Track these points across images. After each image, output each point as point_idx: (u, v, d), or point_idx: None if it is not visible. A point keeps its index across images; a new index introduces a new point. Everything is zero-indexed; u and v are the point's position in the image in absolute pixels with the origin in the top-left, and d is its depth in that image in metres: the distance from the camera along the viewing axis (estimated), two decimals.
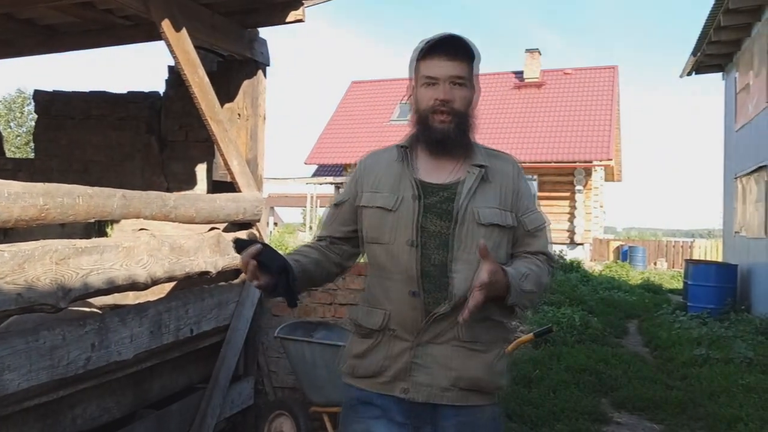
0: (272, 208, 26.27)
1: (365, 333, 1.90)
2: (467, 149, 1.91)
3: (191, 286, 4.09)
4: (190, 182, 5.39)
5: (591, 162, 20.80)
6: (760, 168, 9.98)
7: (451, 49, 1.84)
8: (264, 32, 4.47)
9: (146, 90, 5.75)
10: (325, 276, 2.02)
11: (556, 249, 17.75)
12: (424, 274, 1.81)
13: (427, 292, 1.81)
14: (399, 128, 22.86)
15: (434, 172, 1.89)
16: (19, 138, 29.34)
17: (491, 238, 1.82)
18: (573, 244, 21.24)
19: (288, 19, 4.22)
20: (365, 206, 1.91)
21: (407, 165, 1.89)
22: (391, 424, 1.84)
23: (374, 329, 1.87)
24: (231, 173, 4.09)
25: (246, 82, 4.40)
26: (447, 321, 1.80)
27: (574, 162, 20.97)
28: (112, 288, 2.87)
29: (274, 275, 1.72)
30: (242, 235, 4.15)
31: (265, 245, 1.73)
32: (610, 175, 25.95)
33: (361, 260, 2.06)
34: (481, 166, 1.88)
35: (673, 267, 22.64)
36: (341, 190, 2.06)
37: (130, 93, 5.79)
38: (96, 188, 2.81)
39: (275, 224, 27.22)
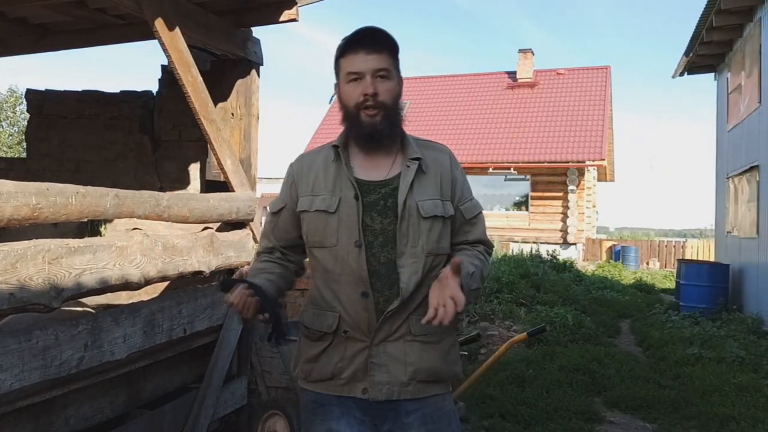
0: (265, 207, 26.19)
1: (317, 336, 1.88)
2: (400, 143, 1.91)
3: (184, 285, 4.09)
4: (183, 182, 5.38)
5: (584, 162, 20.86)
6: (752, 168, 10.03)
7: (371, 42, 1.83)
8: (257, 31, 4.47)
9: (139, 89, 5.74)
10: (288, 286, 2.02)
11: (548, 249, 17.77)
12: (372, 273, 1.80)
13: (378, 291, 1.81)
14: None
15: (371, 169, 1.89)
16: (11, 137, 29.18)
17: (434, 229, 1.84)
18: (566, 244, 21.30)
19: (281, 19, 4.21)
20: (305, 211, 1.89)
21: (343, 164, 1.88)
22: (351, 421, 1.84)
23: (327, 332, 1.86)
24: (224, 173, 4.08)
25: (239, 82, 4.39)
26: (399, 317, 1.81)
27: (567, 162, 21.02)
28: (105, 288, 2.86)
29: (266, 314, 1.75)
30: (240, 234, 4.14)
31: (252, 284, 1.75)
32: (602, 175, 26.06)
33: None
34: (416, 159, 1.88)
35: (665, 267, 22.73)
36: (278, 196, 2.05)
37: (122, 92, 5.77)
38: (89, 187, 2.80)
39: None
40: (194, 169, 5.35)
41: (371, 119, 1.83)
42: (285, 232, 1.99)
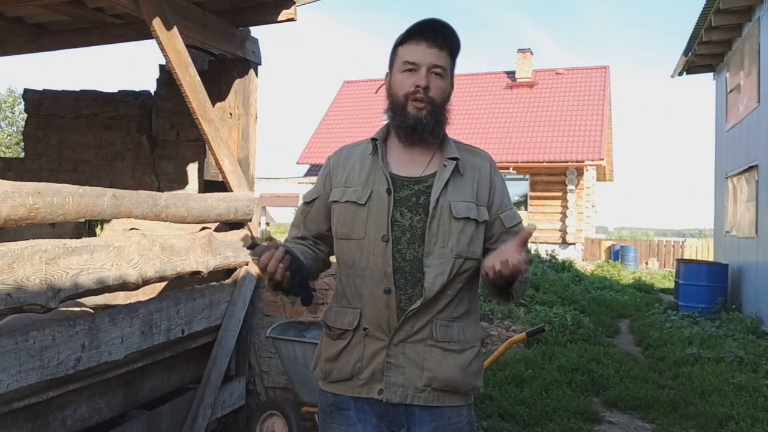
0: (264, 207, 26.21)
1: (338, 334, 1.86)
2: (440, 141, 1.88)
3: (182, 286, 4.08)
4: (182, 182, 5.37)
5: (583, 162, 20.87)
6: (751, 167, 10.03)
7: (434, 36, 1.80)
8: (256, 31, 4.46)
9: (137, 89, 5.74)
10: (315, 272, 2.00)
11: (547, 249, 17.77)
12: (396, 270, 1.77)
13: (401, 288, 1.77)
14: None
15: (407, 165, 1.86)
16: (9, 137, 29.17)
17: (465, 232, 1.79)
18: (565, 243, 21.31)
19: (280, 18, 4.20)
20: (336, 201, 1.87)
21: (379, 158, 1.85)
22: (368, 427, 1.82)
23: (347, 329, 1.83)
24: (222, 173, 4.08)
25: (237, 81, 4.38)
26: (421, 319, 1.77)
27: (566, 162, 21.03)
28: (102, 288, 2.85)
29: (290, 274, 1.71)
30: (238, 235, 4.14)
31: (281, 245, 1.71)
32: (601, 175, 26.06)
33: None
34: (454, 159, 1.84)
35: (664, 266, 22.77)
36: (312, 186, 2.03)
37: (120, 92, 5.77)
38: (86, 187, 2.79)
39: (267, 224, 27.17)
40: (192, 169, 5.35)
41: (417, 111, 1.80)
42: (316, 223, 1.97)
